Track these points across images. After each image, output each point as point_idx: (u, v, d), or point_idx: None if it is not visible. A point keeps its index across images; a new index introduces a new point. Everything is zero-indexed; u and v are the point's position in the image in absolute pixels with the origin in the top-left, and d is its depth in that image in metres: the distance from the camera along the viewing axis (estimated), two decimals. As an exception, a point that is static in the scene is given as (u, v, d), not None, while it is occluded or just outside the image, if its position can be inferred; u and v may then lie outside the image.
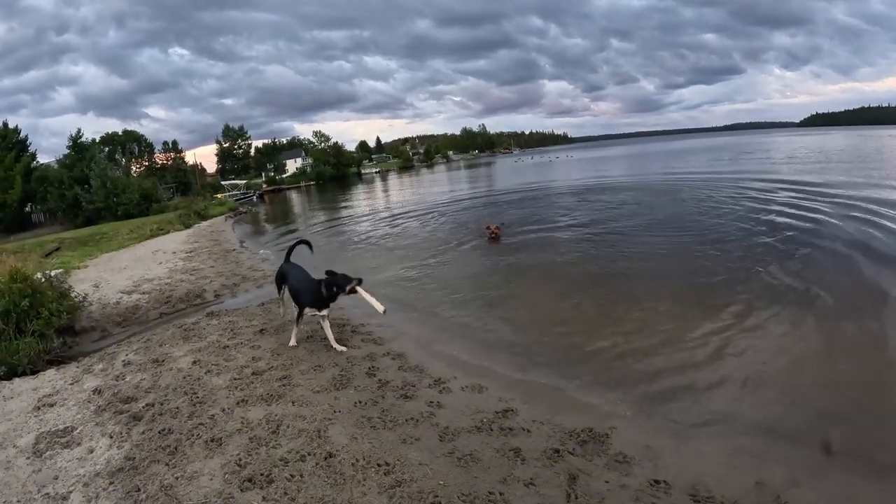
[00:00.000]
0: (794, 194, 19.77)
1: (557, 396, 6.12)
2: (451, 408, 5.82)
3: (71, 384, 7.36)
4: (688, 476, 4.39)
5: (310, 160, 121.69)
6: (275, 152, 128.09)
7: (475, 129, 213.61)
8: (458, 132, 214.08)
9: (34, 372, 8.01)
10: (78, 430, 5.88)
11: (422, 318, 9.49)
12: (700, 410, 5.63)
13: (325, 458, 4.83)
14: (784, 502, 4.06)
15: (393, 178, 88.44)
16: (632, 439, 5.02)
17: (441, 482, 4.43)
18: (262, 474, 4.63)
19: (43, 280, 10.24)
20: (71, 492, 4.71)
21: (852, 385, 5.91)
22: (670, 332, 7.74)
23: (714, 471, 4.46)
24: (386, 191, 57.92)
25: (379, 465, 4.69)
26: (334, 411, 5.81)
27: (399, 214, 28.74)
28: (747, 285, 9.36)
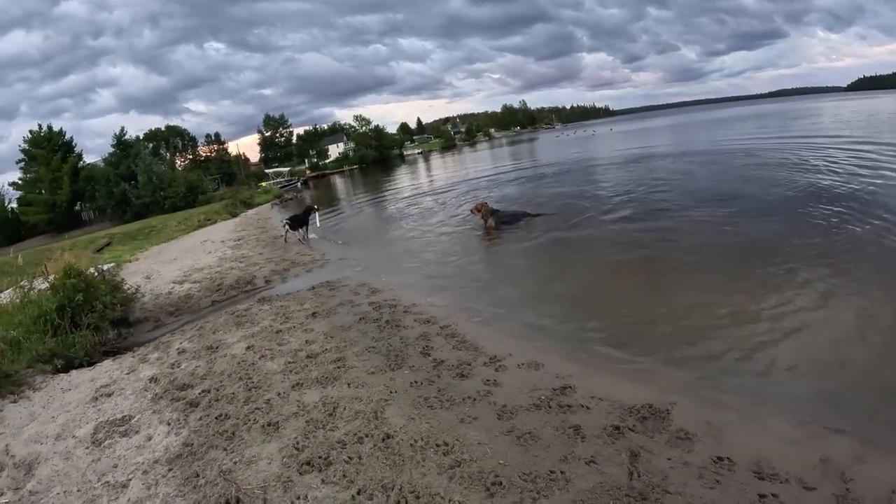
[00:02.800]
0: (849, 160, 19.27)
1: (615, 372, 5.97)
2: (507, 386, 5.72)
3: (127, 374, 7.42)
4: (751, 453, 4.25)
5: (352, 144, 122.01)
6: (316, 138, 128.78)
7: (515, 105, 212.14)
8: (498, 109, 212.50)
9: (91, 363, 8.11)
10: (136, 419, 5.92)
11: (473, 297, 9.33)
12: (761, 386, 5.45)
13: (383, 440, 4.78)
14: (849, 479, 3.90)
15: (436, 158, 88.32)
16: (693, 416, 4.86)
17: (501, 461, 4.35)
18: (320, 457, 4.61)
19: (96, 274, 10.36)
20: (130, 479, 4.72)
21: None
22: (727, 306, 7.49)
23: (778, 447, 4.30)
24: (429, 170, 57.82)
25: (438, 446, 4.62)
26: (390, 392, 5.76)
27: (441, 191, 28.78)
28: (806, 258, 9.07)
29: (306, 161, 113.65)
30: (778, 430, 4.57)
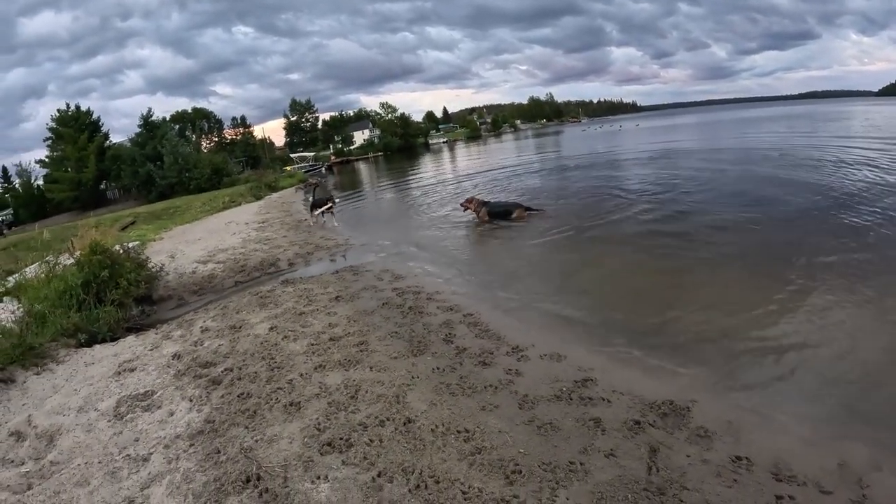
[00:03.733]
0: (882, 164, 19.07)
1: (637, 367, 5.95)
2: (529, 376, 5.71)
3: (150, 350, 7.49)
4: (770, 454, 4.23)
5: (377, 131, 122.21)
6: (342, 124, 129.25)
7: (542, 97, 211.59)
8: (524, 101, 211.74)
9: (114, 339, 8.20)
10: (158, 394, 5.97)
11: (497, 286, 9.31)
12: (782, 387, 5.40)
13: (405, 424, 4.79)
14: (866, 485, 3.88)
15: (460, 148, 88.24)
16: (713, 414, 4.84)
17: (521, 450, 4.35)
18: (341, 439, 4.62)
19: (121, 252, 10.44)
20: (152, 453, 4.77)
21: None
22: (752, 306, 7.43)
23: (796, 449, 4.27)
24: (454, 160, 57.83)
25: (458, 432, 4.62)
26: (412, 377, 5.77)
27: (465, 181, 28.85)
28: (832, 263, 8.98)
29: (331, 147, 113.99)
30: (797, 433, 4.54)
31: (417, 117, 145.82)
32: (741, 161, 23.85)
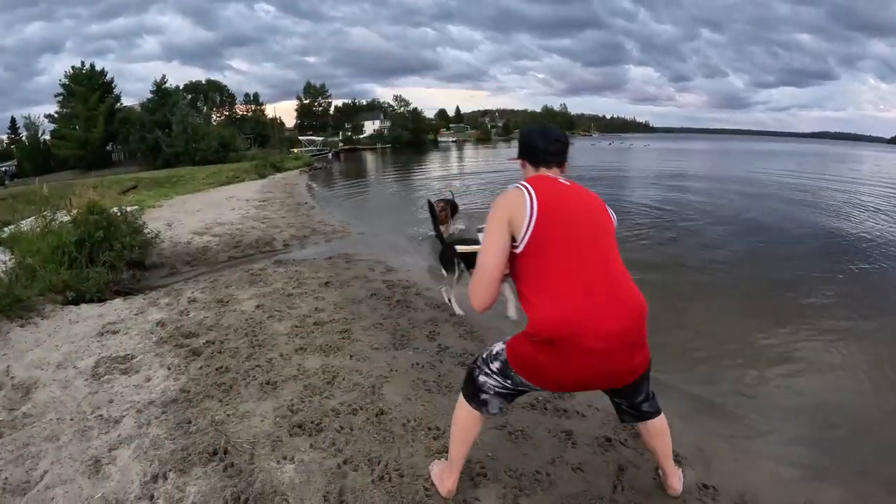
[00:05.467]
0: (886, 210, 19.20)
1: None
2: (507, 382, 5.73)
3: (135, 315, 7.49)
4: (738, 485, 4.24)
5: (388, 123, 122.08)
6: (354, 112, 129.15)
7: (556, 108, 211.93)
8: (538, 109, 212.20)
9: (101, 300, 8.19)
10: (137, 359, 5.98)
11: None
12: (759, 421, 5.43)
13: (377, 415, 4.82)
14: None
15: (469, 149, 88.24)
16: (686, 439, 4.85)
17: (489, 454, 4.37)
18: (312, 422, 4.65)
19: (118, 214, 10.45)
20: (124, 416, 4.78)
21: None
22: (737, 337, 7.47)
23: (765, 483, 4.29)
24: (461, 159, 57.90)
25: (429, 429, 4.66)
26: (391, 370, 5.79)
27: (469, 180, 28.94)
28: (827, 302, 9.04)
29: (340, 133, 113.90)
30: (768, 468, 4.57)
31: (429, 113, 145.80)
32: (747, 193, 24.06)
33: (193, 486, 3.83)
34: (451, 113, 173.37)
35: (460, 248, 7.45)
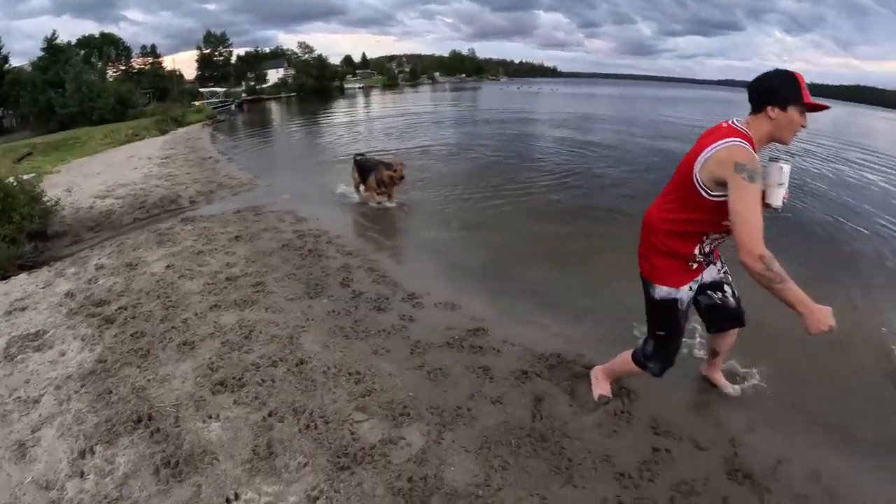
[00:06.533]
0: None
1: (529, 321, 6.15)
2: (423, 322, 5.89)
3: (42, 288, 7.31)
4: (651, 410, 4.50)
5: (292, 71, 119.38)
6: (257, 62, 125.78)
7: (464, 52, 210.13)
8: (446, 54, 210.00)
9: (5, 277, 7.94)
10: (49, 334, 5.86)
11: (399, 233, 9.54)
12: None
13: (297, 365, 4.89)
14: (739, 444, 4.20)
15: (376, 95, 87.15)
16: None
17: (410, 393, 4.51)
18: (233, 378, 4.69)
19: (14, 185, 10.12)
20: (42, 395, 4.71)
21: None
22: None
23: (678, 410, 4.58)
24: (368, 105, 57.25)
25: (350, 374, 4.75)
26: (307, 319, 5.86)
27: (377, 125, 28.73)
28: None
29: (243, 84, 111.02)
30: (679, 394, 4.82)
31: (335, 60, 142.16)
32: (655, 136, 24.75)
33: (122, 457, 3.84)
34: (357, 59, 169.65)
35: None
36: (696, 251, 3.77)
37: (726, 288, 4.24)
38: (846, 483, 4.07)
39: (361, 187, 11.78)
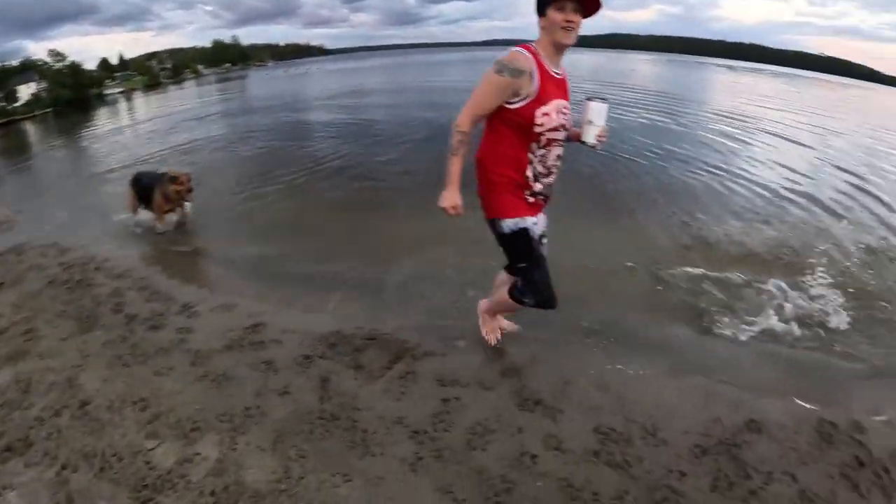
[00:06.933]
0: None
1: (305, 306, 6.44)
2: (201, 331, 5.98)
3: None
4: (433, 367, 4.99)
5: (45, 84, 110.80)
6: (4, 78, 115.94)
7: (227, 41, 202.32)
8: (209, 44, 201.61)
9: None
10: None
11: (168, 240, 9.40)
12: (446, 307, 6.28)
13: (80, 408, 4.86)
14: (525, 375, 4.77)
15: (139, 98, 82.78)
16: (380, 338, 5.53)
17: (198, 406, 4.64)
18: (19, 440, 4.59)
19: None
20: None
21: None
22: (415, 239, 8.28)
23: (458, 360, 5.09)
24: (131, 110, 54.47)
25: (135, 403, 4.80)
26: (84, 356, 5.76)
27: (142, 129, 27.77)
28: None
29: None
30: (457, 345, 5.26)
31: (91, 65, 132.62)
32: (424, 101, 25.38)
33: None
34: (114, 61, 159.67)
35: None
36: (529, 173, 4.04)
37: (545, 240, 4.52)
38: (633, 387, 4.67)
39: (140, 210, 10.18)
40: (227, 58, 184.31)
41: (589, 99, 3.96)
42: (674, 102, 26.60)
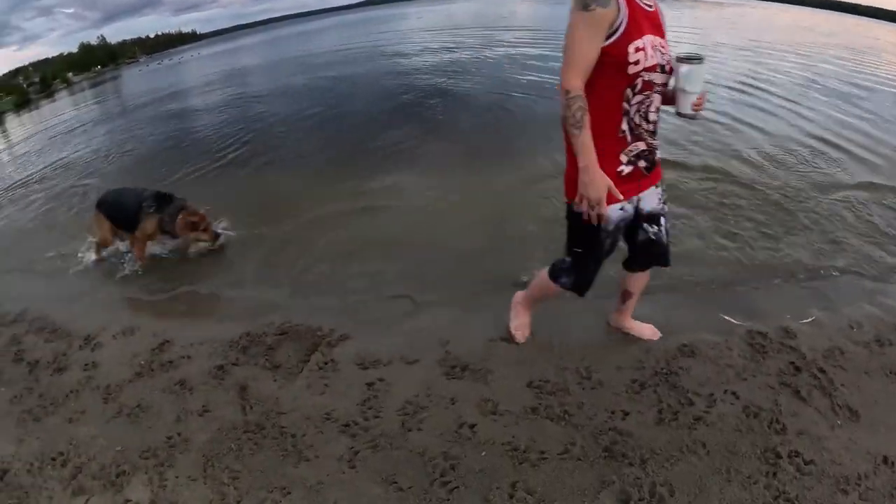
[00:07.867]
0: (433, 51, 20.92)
1: (211, 312, 6.24)
2: (107, 363, 5.68)
3: None
4: (350, 351, 4.96)
5: None
6: None
7: (94, 42, 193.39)
8: (75, 49, 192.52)
9: None
10: None
11: (57, 272, 8.52)
12: (351, 286, 6.24)
13: (1, 479, 4.59)
14: (447, 342, 4.75)
15: (11, 120, 79.31)
16: (292, 331, 5.38)
17: (118, 448, 4.44)
18: (-60, 532, 4.39)
19: None
20: None
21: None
22: (318, 212, 8.33)
23: (373, 341, 5.02)
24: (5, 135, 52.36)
25: (54, 459, 4.56)
26: (-8, 420, 5.49)
27: (19, 150, 26.59)
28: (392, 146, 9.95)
29: None
30: (366, 327, 5.17)
31: None
32: (305, 70, 25.18)
33: None
34: None
35: None
36: (625, 126, 3.32)
37: (662, 220, 3.82)
38: (557, 332, 4.68)
39: (117, 240, 8.18)
40: (95, 60, 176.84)
41: (679, 60, 3.25)
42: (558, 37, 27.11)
